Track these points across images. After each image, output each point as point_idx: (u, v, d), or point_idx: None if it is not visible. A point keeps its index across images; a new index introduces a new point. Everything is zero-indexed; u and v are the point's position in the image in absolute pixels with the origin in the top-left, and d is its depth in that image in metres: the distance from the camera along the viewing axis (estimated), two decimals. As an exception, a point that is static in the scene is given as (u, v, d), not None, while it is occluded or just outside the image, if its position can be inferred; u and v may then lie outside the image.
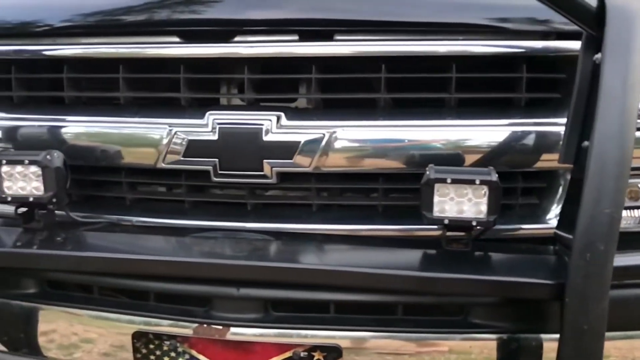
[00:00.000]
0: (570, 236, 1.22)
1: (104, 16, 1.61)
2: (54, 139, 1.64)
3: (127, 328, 1.51)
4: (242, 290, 1.44)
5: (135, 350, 1.51)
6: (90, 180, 1.67)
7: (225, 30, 1.53)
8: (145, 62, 1.60)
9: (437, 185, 1.31)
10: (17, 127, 1.69)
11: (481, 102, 1.52)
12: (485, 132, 1.48)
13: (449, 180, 1.30)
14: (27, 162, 1.46)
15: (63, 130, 1.64)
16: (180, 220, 1.61)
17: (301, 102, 1.63)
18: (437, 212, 1.33)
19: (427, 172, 1.33)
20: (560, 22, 1.43)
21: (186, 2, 1.56)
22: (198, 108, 1.58)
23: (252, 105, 1.57)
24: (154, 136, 1.54)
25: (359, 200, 1.60)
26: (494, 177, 1.30)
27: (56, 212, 1.57)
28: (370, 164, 1.50)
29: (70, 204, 1.60)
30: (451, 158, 1.46)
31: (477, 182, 1.29)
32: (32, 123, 1.67)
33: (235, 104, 1.66)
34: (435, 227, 1.41)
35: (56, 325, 1.60)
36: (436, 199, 1.32)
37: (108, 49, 1.59)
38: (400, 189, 1.55)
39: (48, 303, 1.60)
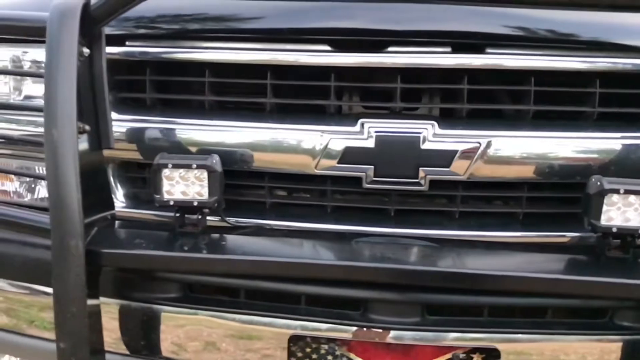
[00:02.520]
0: None
1: (251, 22, 1.62)
2: (193, 143, 1.63)
3: (283, 332, 1.53)
4: (406, 295, 1.48)
5: (291, 354, 1.53)
6: (232, 184, 1.66)
7: (379, 41, 1.56)
8: (290, 68, 1.62)
9: (607, 195, 1.39)
10: (145, 129, 1.66)
11: (617, 116, 1.61)
12: (622, 145, 1.57)
13: (622, 191, 1.38)
14: (195, 166, 1.45)
15: (203, 134, 1.63)
16: (322, 224, 1.63)
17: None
18: (604, 220, 1.41)
19: (598, 183, 1.40)
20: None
21: (338, 12, 1.59)
22: (348, 115, 1.62)
23: (401, 114, 1.61)
24: (308, 142, 1.56)
25: (503, 208, 1.66)
26: (662, 187, 1.39)
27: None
28: (519, 173, 1.57)
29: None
30: (593, 169, 1.54)
31: (649, 192, 1.38)
32: (168, 126, 1.65)
33: (360, 111, 1.68)
34: (581, 234, 1.54)
35: (199, 330, 1.59)
36: (604, 208, 1.40)
37: (259, 55, 1.59)
38: (544, 197, 1.62)
39: (192, 307, 1.59)
